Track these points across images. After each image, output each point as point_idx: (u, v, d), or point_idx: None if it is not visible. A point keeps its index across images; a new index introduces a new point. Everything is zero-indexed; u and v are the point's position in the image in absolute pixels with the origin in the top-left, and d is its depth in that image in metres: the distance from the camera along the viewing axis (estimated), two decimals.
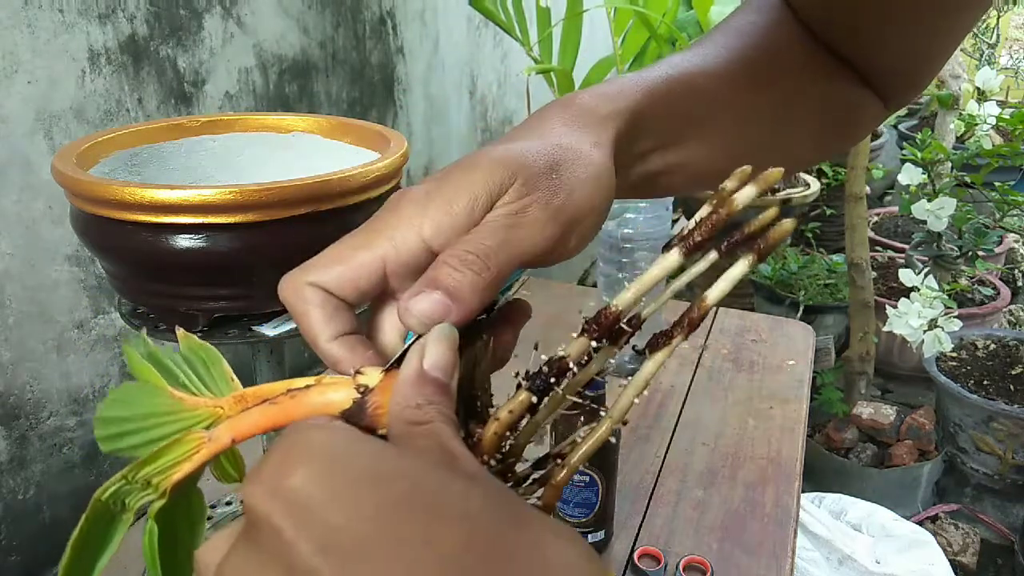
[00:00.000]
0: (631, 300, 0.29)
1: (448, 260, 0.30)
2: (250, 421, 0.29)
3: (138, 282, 0.62)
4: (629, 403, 0.30)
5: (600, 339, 0.30)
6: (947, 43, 0.48)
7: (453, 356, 0.28)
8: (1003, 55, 4.11)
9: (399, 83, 1.40)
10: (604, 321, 0.29)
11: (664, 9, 1.45)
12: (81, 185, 0.57)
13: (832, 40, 0.48)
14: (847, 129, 0.53)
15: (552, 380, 0.29)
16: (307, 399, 0.28)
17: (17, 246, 0.80)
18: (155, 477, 0.28)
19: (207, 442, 0.28)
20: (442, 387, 0.27)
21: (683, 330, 0.30)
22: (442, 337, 0.28)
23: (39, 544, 0.87)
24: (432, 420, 0.25)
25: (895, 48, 0.48)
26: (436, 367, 0.27)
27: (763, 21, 0.48)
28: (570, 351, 0.29)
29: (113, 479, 0.28)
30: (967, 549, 1.83)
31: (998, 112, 1.67)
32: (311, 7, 1.15)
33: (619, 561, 0.82)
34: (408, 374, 0.27)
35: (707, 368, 1.21)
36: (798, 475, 0.96)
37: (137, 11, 0.89)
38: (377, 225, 0.31)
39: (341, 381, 0.29)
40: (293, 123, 0.76)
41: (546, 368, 0.29)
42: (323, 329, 0.30)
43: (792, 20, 0.49)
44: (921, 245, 1.79)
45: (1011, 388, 1.94)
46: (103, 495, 0.28)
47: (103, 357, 0.91)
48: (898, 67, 0.50)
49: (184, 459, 0.28)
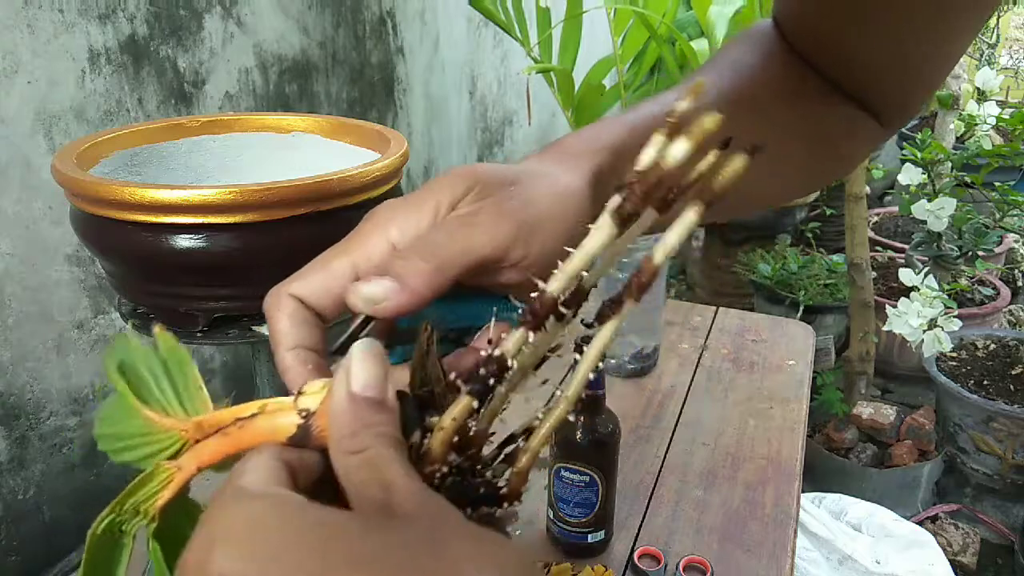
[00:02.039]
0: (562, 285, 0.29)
1: (399, 252, 0.32)
2: (209, 450, 0.30)
3: (138, 282, 0.62)
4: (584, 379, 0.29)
5: (537, 328, 0.29)
6: (941, 65, 0.48)
7: (380, 367, 0.28)
8: (1003, 55, 4.11)
9: (399, 83, 1.40)
10: (539, 309, 0.29)
11: (664, 9, 1.45)
12: (81, 185, 0.57)
13: (825, 65, 0.48)
14: (844, 153, 0.53)
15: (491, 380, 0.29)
16: (254, 428, 0.29)
17: (17, 246, 0.80)
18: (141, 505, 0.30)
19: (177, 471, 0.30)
20: (375, 404, 0.27)
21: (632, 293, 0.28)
22: (363, 354, 0.28)
23: (39, 544, 0.87)
24: (367, 447, 0.26)
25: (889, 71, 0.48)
26: (365, 386, 0.27)
27: (756, 52, 0.49)
28: (507, 346, 0.29)
29: (103, 513, 0.30)
30: (967, 549, 1.83)
31: (998, 112, 1.67)
32: (311, 7, 1.15)
33: (619, 561, 0.82)
34: (337, 402, 0.27)
35: (707, 368, 1.21)
36: (798, 475, 0.96)
37: (137, 11, 0.89)
38: (353, 235, 0.33)
39: (284, 406, 0.29)
40: (293, 123, 0.76)
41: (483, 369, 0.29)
42: (284, 337, 0.32)
43: (785, 48, 0.49)
44: (921, 245, 1.79)
45: (1011, 388, 1.94)
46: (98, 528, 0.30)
47: (103, 357, 0.91)
48: (892, 89, 0.50)
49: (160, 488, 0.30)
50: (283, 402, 0.29)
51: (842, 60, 0.48)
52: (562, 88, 1.44)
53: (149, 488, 0.30)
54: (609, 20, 1.50)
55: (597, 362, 0.29)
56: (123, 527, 0.30)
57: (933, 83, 0.50)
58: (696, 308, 1.40)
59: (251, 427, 0.29)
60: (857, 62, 0.48)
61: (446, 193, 0.33)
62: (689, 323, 1.35)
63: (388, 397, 0.28)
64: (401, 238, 0.32)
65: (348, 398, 0.27)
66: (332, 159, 0.71)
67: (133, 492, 0.30)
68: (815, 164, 0.51)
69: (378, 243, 0.32)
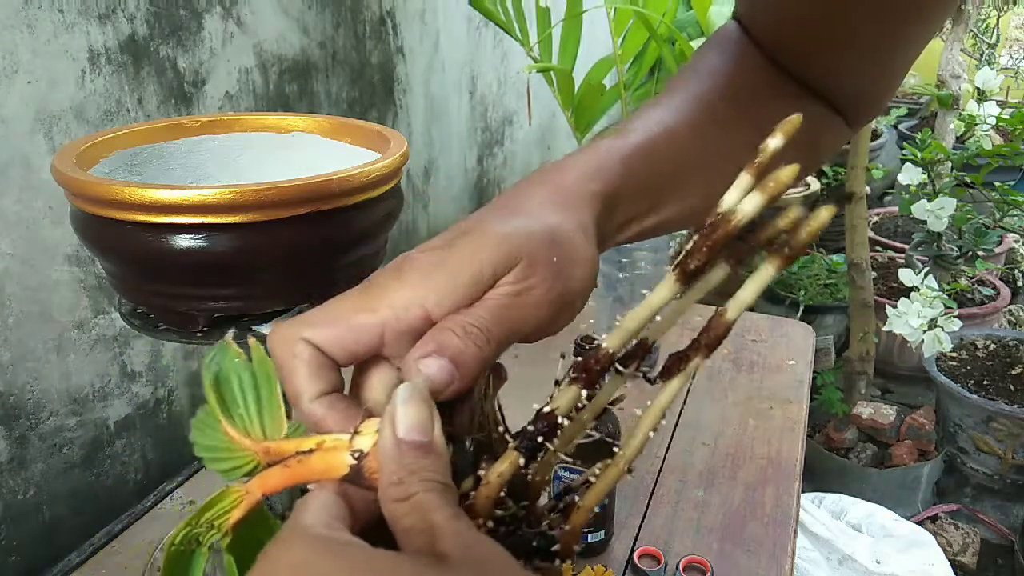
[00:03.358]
0: (621, 341, 0.28)
1: (453, 328, 0.30)
2: (273, 480, 0.31)
3: (138, 282, 0.62)
4: (644, 437, 0.28)
5: (591, 385, 0.28)
6: (906, 59, 0.49)
7: (427, 410, 0.28)
8: (1003, 55, 4.11)
9: (399, 83, 1.40)
10: (594, 366, 0.28)
11: (664, 9, 1.45)
12: (81, 185, 0.57)
13: (794, 66, 0.49)
14: (814, 152, 0.53)
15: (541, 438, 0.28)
16: (311, 464, 0.30)
17: (17, 246, 0.80)
18: (215, 521, 0.31)
19: (246, 495, 0.31)
20: (422, 449, 0.27)
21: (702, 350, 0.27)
22: (409, 397, 0.28)
23: (39, 544, 0.87)
24: (414, 494, 0.26)
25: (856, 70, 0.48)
26: (411, 430, 0.27)
27: (728, 56, 0.49)
28: (559, 404, 0.28)
29: (179, 527, 0.32)
30: (967, 549, 1.83)
31: (998, 112, 1.67)
32: (311, 7, 1.15)
33: (619, 561, 0.82)
34: (384, 448, 0.27)
35: (707, 368, 1.20)
36: (798, 475, 0.96)
37: (137, 11, 0.89)
38: (379, 289, 0.31)
39: (340, 444, 0.29)
40: (293, 123, 0.76)
41: (532, 427, 0.28)
42: (308, 387, 0.31)
43: (755, 51, 0.49)
44: (921, 245, 1.79)
45: (1011, 388, 1.94)
46: (175, 540, 0.31)
47: (103, 357, 0.91)
48: (860, 87, 0.50)
49: (231, 508, 0.31)
50: (340, 440, 0.29)
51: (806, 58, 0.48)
52: (562, 88, 1.44)
53: (221, 507, 0.32)
54: (609, 20, 1.50)
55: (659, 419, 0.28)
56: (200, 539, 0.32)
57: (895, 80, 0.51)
58: (696, 308, 1.40)
59: (308, 463, 0.30)
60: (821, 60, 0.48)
61: (488, 263, 0.31)
62: (689, 323, 1.35)
63: (435, 440, 0.27)
64: (438, 307, 0.30)
65: (393, 443, 0.27)
66: (332, 159, 0.71)
67: (208, 508, 0.32)
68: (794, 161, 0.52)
69: (411, 307, 0.30)
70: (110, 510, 0.92)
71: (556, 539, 0.28)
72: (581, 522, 0.29)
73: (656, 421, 0.28)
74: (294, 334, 0.31)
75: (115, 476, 0.95)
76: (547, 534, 0.29)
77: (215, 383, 0.33)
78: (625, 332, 0.28)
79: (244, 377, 0.34)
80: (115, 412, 0.94)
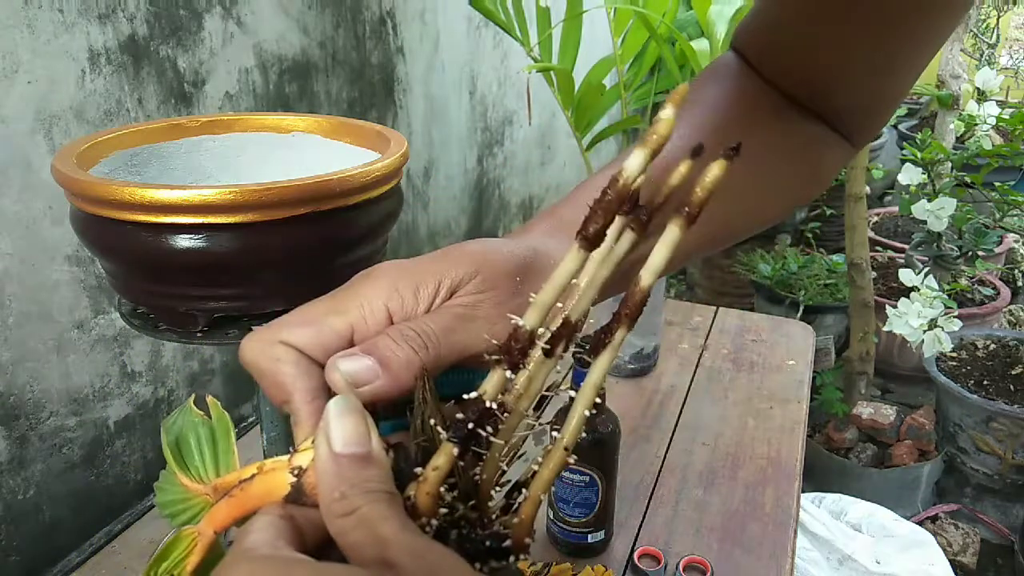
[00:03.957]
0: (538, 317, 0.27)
1: (390, 332, 0.31)
2: (221, 515, 0.31)
3: (138, 282, 0.62)
4: (581, 417, 0.27)
5: (515, 366, 0.27)
6: (906, 80, 0.49)
7: (361, 421, 0.27)
8: (1003, 55, 4.11)
9: (399, 83, 1.40)
10: (514, 346, 0.27)
11: (664, 9, 1.45)
12: (81, 185, 0.57)
13: (793, 89, 0.48)
14: (818, 174, 0.53)
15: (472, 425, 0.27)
16: (253, 490, 0.29)
17: (17, 246, 0.80)
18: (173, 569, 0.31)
19: (199, 536, 0.31)
20: (361, 460, 0.26)
21: (624, 320, 0.26)
22: (340, 411, 0.27)
23: (39, 544, 0.87)
24: (358, 507, 0.25)
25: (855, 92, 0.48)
26: (348, 443, 0.27)
27: (726, 86, 0.49)
28: (485, 388, 0.27)
29: None
30: (967, 549, 1.83)
31: (998, 112, 1.67)
32: (311, 7, 1.15)
33: (619, 561, 0.82)
34: (321, 463, 0.27)
35: (707, 368, 1.21)
36: (798, 475, 0.96)
37: (137, 11, 0.89)
38: (349, 292, 0.32)
39: (280, 465, 0.29)
40: (293, 123, 0.76)
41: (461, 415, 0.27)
42: (299, 385, 0.30)
43: (752, 76, 0.49)
44: (921, 245, 1.79)
45: (1011, 388, 1.94)
46: None
47: (103, 357, 0.91)
48: (861, 106, 0.50)
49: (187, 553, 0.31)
50: (279, 461, 0.29)
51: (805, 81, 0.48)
52: (562, 88, 1.44)
53: (177, 553, 0.31)
54: (609, 20, 1.50)
55: (594, 398, 0.27)
56: None
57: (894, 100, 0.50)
58: (696, 308, 1.40)
59: (251, 488, 0.29)
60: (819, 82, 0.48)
61: (450, 273, 0.32)
62: (689, 323, 1.35)
63: (374, 449, 0.27)
64: (399, 311, 0.31)
65: (330, 458, 0.26)
66: (332, 159, 0.71)
67: (164, 557, 0.31)
68: (796, 185, 0.52)
69: (377, 310, 0.31)
70: (110, 510, 0.92)
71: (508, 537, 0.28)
72: (531, 513, 0.28)
73: (591, 400, 0.27)
74: (271, 339, 0.31)
75: (115, 476, 0.95)
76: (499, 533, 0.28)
77: (174, 444, 0.34)
78: (540, 307, 0.27)
79: (202, 433, 0.34)
80: (115, 412, 0.94)
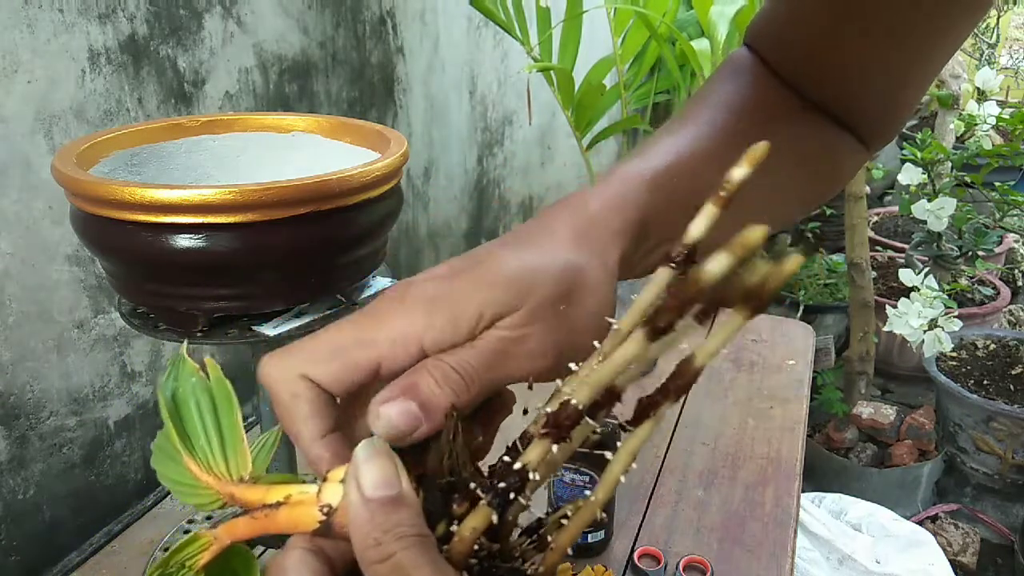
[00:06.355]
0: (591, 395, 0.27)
1: (431, 371, 0.29)
2: (240, 530, 0.31)
3: (138, 282, 0.62)
4: (615, 481, 0.28)
5: (561, 440, 0.27)
6: (923, 80, 0.48)
7: (390, 464, 0.27)
8: (1003, 55, 4.11)
9: (399, 83, 1.40)
10: (563, 422, 0.27)
11: (664, 9, 1.45)
12: (81, 185, 0.57)
13: (809, 89, 0.48)
14: (832, 177, 0.52)
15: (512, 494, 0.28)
16: (278, 519, 0.29)
17: (17, 246, 0.80)
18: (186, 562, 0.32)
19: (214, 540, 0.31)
20: (392, 503, 0.26)
21: (671, 395, 0.27)
22: (368, 455, 0.27)
23: (39, 544, 0.87)
24: (391, 555, 0.25)
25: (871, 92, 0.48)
26: (376, 487, 0.27)
27: (740, 84, 0.48)
28: (529, 459, 0.28)
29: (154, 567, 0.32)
30: (967, 549, 1.83)
31: (998, 112, 1.67)
32: (311, 7, 1.15)
33: (619, 561, 0.82)
34: (353, 509, 0.27)
35: (707, 368, 1.20)
36: (798, 475, 0.96)
37: (137, 11, 0.89)
38: (378, 319, 0.30)
39: (307, 499, 0.29)
40: (293, 123, 0.76)
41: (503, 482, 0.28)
42: (310, 428, 0.30)
43: (768, 76, 0.48)
44: (921, 245, 1.79)
45: (1011, 388, 1.94)
46: None
47: (103, 357, 0.91)
48: (878, 108, 0.49)
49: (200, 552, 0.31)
50: (307, 494, 0.29)
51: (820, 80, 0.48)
52: (562, 88, 1.44)
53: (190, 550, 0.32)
54: (609, 20, 1.50)
55: (629, 465, 0.27)
56: None
57: (911, 102, 0.50)
58: None
59: (275, 517, 0.29)
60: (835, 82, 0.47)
61: (491, 304, 0.30)
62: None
63: (404, 491, 0.27)
64: (434, 345, 0.30)
65: (362, 503, 0.26)
66: (332, 159, 0.71)
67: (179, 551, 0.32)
68: (811, 186, 0.51)
69: (409, 345, 0.30)
70: (110, 510, 0.92)
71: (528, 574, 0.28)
72: (555, 562, 0.29)
73: (627, 465, 0.28)
74: (292, 371, 0.30)
75: (115, 476, 0.95)
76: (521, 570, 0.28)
77: (172, 405, 0.33)
78: (594, 386, 0.27)
79: (202, 400, 0.33)
80: (115, 412, 0.94)
